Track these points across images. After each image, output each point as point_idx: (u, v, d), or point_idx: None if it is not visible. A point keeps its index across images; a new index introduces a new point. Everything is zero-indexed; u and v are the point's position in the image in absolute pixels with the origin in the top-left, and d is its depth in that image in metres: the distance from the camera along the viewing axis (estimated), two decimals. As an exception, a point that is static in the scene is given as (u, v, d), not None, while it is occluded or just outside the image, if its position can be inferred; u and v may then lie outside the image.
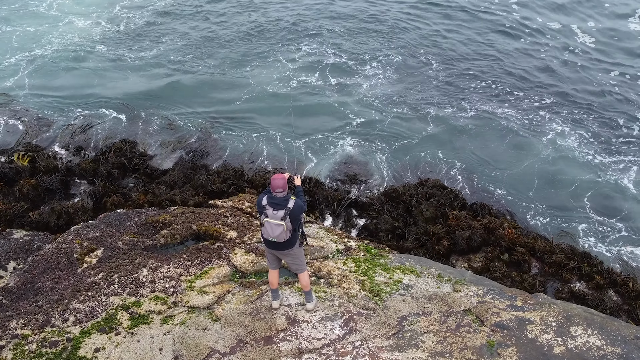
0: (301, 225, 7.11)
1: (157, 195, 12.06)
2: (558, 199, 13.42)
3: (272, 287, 7.62)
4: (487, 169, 14.41)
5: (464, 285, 8.54)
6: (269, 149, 14.97)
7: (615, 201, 13.34)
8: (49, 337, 7.36)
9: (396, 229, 11.65)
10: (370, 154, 14.88)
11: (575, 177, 14.03)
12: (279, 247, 7.01)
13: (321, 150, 14.95)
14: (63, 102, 17.01)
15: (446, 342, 7.17)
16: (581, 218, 12.83)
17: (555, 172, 14.24)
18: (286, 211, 6.66)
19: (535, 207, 13.15)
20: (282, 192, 6.71)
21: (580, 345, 7.11)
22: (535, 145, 15.23)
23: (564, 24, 22.64)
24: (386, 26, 22.26)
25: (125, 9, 23.73)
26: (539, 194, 13.59)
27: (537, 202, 13.30)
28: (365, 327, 7.45)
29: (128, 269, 8.74)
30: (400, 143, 15.38)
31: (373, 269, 8.83)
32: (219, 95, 17.54)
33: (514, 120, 16.23)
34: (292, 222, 6.76)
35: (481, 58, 19.96)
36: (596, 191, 13.62)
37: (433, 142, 15.34)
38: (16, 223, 10.88)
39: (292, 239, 6.99)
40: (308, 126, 15.90)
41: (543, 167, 14.40)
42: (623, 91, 17.93)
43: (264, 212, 6.74)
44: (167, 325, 7.52)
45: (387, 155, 14.84)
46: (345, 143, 15.28)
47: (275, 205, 6.69)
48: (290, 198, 6.78)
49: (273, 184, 6.73)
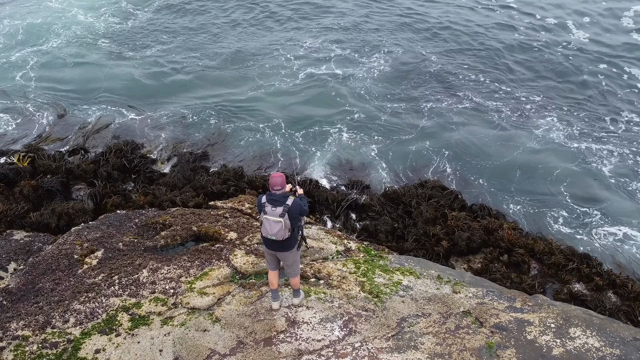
0: (301, 228, 7.15)
1: (157, 197, 12.08)
2: (538, 187, 13.88)
3: (272, 288, 7.66)
4: (477, 160, 14.85)
5: (463, 286, 8.56)
6: (269, 150, 15.00)
7: (593, 190, 13.83)
8: (50, 338, 7.38)
9: (396, 230, 11.68)
10: (370, 153, 14.99)
11: (555, 165, 14.57)
12: (278, 247, 7.07)
13: (321, 150, 15.00)
14: (68, 98, 17.20)
15: (445, 343, 7.19)
16: (560, 205, 13.31)
17: (538, 162, 14.74)
18: (285, 208, 6.74)
19: (523, 198, 13.50)
20: (280, 189, 6.82)
21: (579, 346, 7.13)
22: (520, 137, 15.67)
23: (559, 19, 22.97)
24: (385, 20, 22.47)
25: (130, 3, 23.85)
26: (527, 184, 14.00)
27: (524, 192, 13.70)
28: (365, 329, 7.47)
29: (128, 270, 8.76)
30: (400, 139, 15.60)
31: (373, 270, 8.85)
32: (218, 92, 17.71)
33: (506, 114, 16.66)
34: (290, 220, 6.83)
35: (480, 52, 20.32)
36: (574, 179, 14.12)
37: (432, 139, 15.61)
38: (17, 224, 10.91)
39: (291, 240, 7.03)
40: (308, 125, 16.01)
41: (529, 158, 14.84)
42: (611, 85, 18.37)
43: (263, 210, 6.83)
44: (167, 327, 7.54)
45: (387, 154, 14.99)
46: (344, 142, 15.35)
47: (274, 202, 6.78)
48: (290, 197, 6.87)
49: (271, 181, 6.83)
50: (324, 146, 15.13)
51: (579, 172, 14.32)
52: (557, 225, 12.61)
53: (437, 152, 15.06)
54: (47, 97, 17.04)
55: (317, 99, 17.35)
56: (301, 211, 6.97)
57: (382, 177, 14.08)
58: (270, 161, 14.55)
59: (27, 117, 16.04)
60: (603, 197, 13.54)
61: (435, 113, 16.72)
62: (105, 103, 16.88)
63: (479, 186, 13.85)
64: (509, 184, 13.93)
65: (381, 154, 14.91)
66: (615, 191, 13.77)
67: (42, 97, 17.01)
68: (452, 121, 16.35)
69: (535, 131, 15.88)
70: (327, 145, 15.19)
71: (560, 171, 14.30)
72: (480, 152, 15.11)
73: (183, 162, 13.89)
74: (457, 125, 16.20)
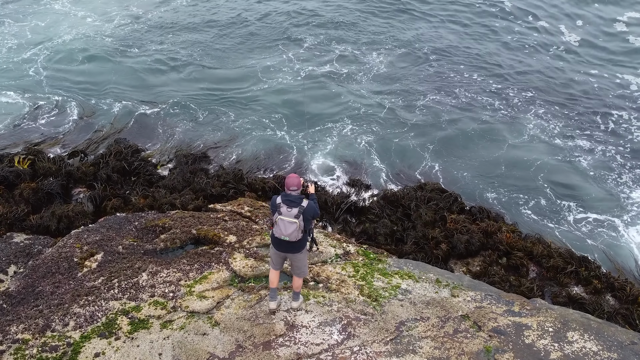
0: (312, 231, 7.19)
1: (157, 199, 12.11)
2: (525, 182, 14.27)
3: (271, 286, 7.68)
4: (478, 158, 15.18)
5: (461, 290, 8.59)
6: (269, 150, 15.03)
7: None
8: (49, 342, 7.41)
9: (395, 233, 11.70)
10: (370, 152, 15.07)
11: (537, 159, 14.94)
12: (289, 248, 7.11)
13: (322, 150, 15.06)
14: (75, 97, 17.29)
15: (444, 347, 7.22)
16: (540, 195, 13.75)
17: (525, 158, 15.09)
18: (300, 209, 6.78)
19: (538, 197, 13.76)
20: (296, 190, 6.86)
21: (577, 350, 7.16)
22: (502, 133, 16.03)
23: (553, 22, 23.16)
24: (384, 18, 22.63)
25: (135, 6, 23.94)
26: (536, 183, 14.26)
27: (534, 190, 14.00)
28: (364, 332, 7.50)
29: (128, 273, 8.79)
30: (400, 137, 15.74)
31: (371, 274, 8.88)
32: (218, 93, 17.79)
33: (499, 114, 16.97)
34: (304, 222, 6.88)
35: (481, 53, 20.52)
36: (552, 169, 14.54)
37: (433, 137, 15.84)
38: (16, 227, 10.93)
39: (302, 241, 7.11)
40: (309, 125, 16.13)
41: (517, 155, 15.23)
42: (603, 87, 18.59)
43: (277, 210, 6.85)
44: (167, 330, 7.56)
45: (388, 153, 15.10)
46: (345, 141, 15.43)
47: (289, 203, 6.81)
48: (304, 198, 6.93)
49: (288, 182, 6.87)
50: (325, 146, 15.18)
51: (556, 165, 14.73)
52: (557, 224, 12.82)
53: (438, 151, 15.24)
54: (52, 99, 17.11)
55: (318, 99, 17.43)
56: (314, 214, 7.02)
57: (382, 177, 14.16)
58: (270, 163, 14.57)
59: (29, 119, 16.09)
60: (601, 196, 13.77)
61: (433, 112, 16.95)
62: (105, 103, 16.99)
63: (478, 184, 14.05)
64: (516, 182, 14.20)
65: (381, 153, 15.03)
66: (613, 188, 14.04)
67: (47, 99, 17.09)
68: (453, 119, 16.60)
69: (528, 129, 16.17)
70: (328, 145, 15.24)
71: (543, 163, 14.71)
72: (481, 150, 15.40)
73: (182, 165, 13.91)
74: (456, 123, 16.46)
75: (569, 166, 14.73)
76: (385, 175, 14.26)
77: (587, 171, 14.55)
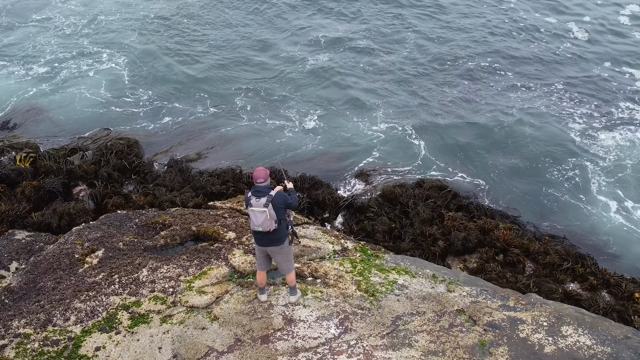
0: (291, 223, 7.36)
1: (157, 197, 12.22)
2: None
3: (260, 287, 7.98)
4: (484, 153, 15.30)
5: (457, 285, 8.69)
6: (269, 149, 15.14)
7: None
8: (51, 336, 7.53)
9: (393, 230, 11.80)
10: (371, 148, 15.21)
11: (542, 154, 15.10)
12: (268, 242, 7.29)
13: (320, 148, 15.14)
14: (81, 96, 17.49)
15: (439, 341, 7.32)
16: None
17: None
18: (268, 198, 7.00)
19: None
20: (263, 182, 7.12)
21: (571, 344, 7.26)
22: (504, 128, 16.13)
23: (560, 19, 23.23)
24: (394, 13, 22.80)
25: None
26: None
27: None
28: (360, 327, 7.60)
29: (128, 269, 8.90)
30: (399, 136, 15.81)
31: (369, 270, 8.98)
32: (218, 89, 17.89)
33: (498, 109, 17.05)
34: (275, 211, 7.05)
35: (485, 50, 20.60)
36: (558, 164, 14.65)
37: (434, 132, 15.99)
38: (18, 224, 11.04)
39: (280, 233, 7.26)
40: (309, 123, 16.22)
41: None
42: (612, 81, 18.67)
43: (249, 203, 7.09)
44: (167, 325, 7.68)
45: (388, 151, 15.20)
46: (346, 142, 15.49)
47: (257, 194, 7.07)
48: (274, 188, 7.15)
49: (255, 175, 7.16)
50: (325, 146, 15.26)
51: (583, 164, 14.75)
52: (562, 220, 12.98)
53: (439, 147, 15.38)
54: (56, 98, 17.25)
55: (324, 94, 17.57)
56: (286, 202, 7.18)
57: (382, 174, 14.26)
58: (269, 161, 14.66)
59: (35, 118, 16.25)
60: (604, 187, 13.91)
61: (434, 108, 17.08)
62: (108, 103, 17.15)
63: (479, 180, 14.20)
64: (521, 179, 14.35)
65: (381, 152, 15.09)
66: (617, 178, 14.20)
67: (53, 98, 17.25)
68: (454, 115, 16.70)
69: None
70: (328, 144, 15.33)
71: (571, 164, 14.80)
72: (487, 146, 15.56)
73: (182, 163, 14.01)
74: (462, 119, 16.59)
75: (575, 161, 14.74)
76: (385, 173, 14.34)
77: (596, 169, 14.50)
